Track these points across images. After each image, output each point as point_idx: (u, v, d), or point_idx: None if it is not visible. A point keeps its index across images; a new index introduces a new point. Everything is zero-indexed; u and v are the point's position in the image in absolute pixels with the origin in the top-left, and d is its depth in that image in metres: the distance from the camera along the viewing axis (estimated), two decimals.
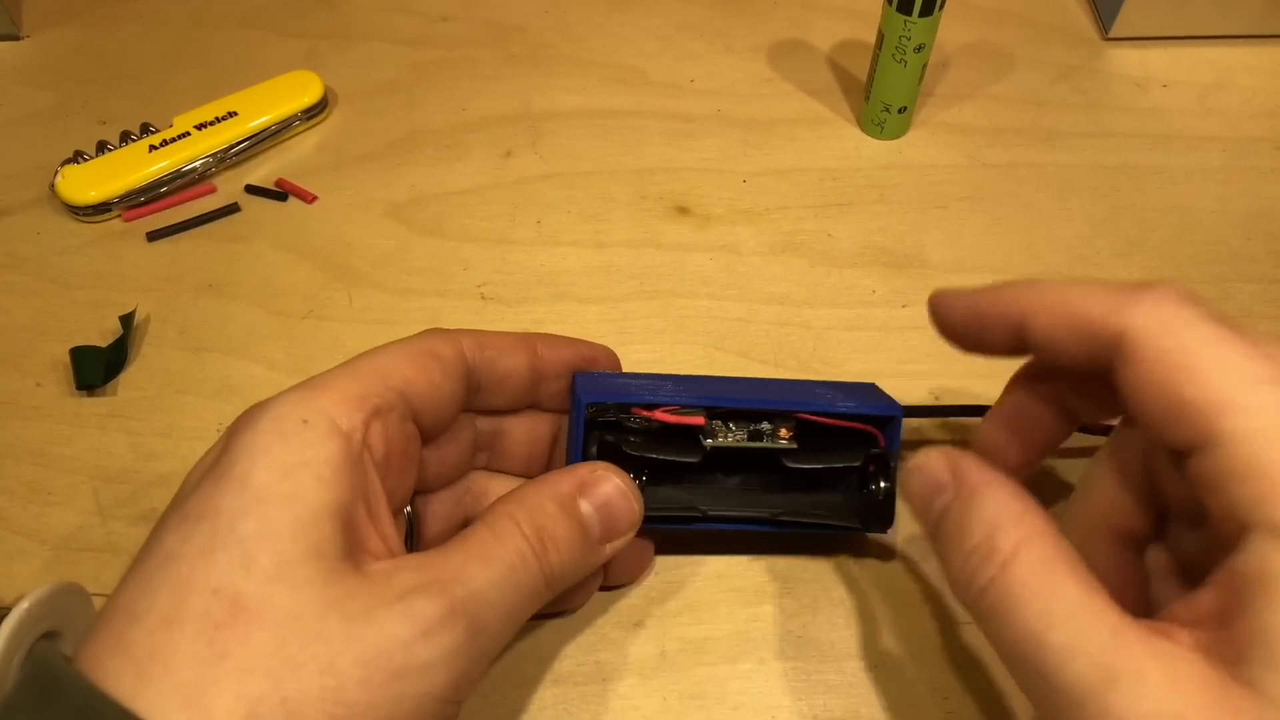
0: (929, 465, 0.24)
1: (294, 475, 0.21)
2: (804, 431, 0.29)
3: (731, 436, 0.29)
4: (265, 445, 0.22)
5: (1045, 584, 0.20)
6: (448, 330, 0.27)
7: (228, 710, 0.19)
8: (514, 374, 0.28)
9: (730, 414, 0.29)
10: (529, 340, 0.28)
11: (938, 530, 0.23)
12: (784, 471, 0.29)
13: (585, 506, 0.25)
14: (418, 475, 0.26)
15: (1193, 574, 0.23)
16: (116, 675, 0.19)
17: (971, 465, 0.23)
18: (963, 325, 0.26)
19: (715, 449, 0.28)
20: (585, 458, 0.28)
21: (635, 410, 0.28)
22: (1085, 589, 0.20)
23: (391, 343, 0.26)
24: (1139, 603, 0.24)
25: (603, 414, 0.28)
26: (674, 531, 0.30)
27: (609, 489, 0.26)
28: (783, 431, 0.29)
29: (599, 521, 0.26)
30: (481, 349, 0.27)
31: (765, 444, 0.29)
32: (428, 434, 0.26)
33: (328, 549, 0.21)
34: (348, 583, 0.21)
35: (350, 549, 0.21)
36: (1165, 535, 0.25)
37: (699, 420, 0.28)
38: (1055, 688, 0.19)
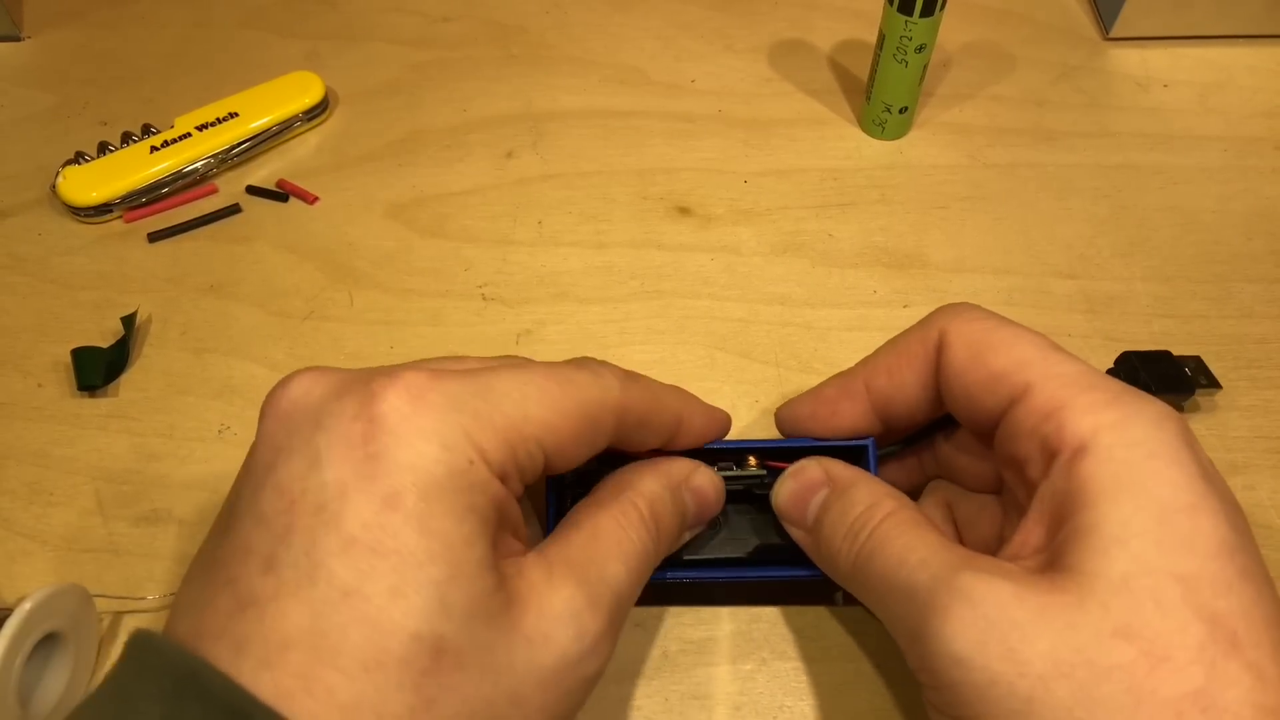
0: (804, 471, 0.27)
1: (468, 521, 0.20)
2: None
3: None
4: (439, 484, 0.20)
5: (911, 529, 0.24)
6: (625, 384, 0.25)
7: None
8: (649, 444, 0.27)
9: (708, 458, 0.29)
10: (677, 408, 0.27)
11: (820, 520, 0.26)
12: (764, 510, 0.29)
13: (687, 495, 0.27)
14: None
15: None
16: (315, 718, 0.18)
17: (841, 467, 0.27)
18: (816, 414, 0.29)
19: None
20: (558, 514, 0.27)
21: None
22: (939, 536, 0.24)
23: (568, 384, 0.23)
24: None
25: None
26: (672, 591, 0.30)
27: (704, 480, 0.27)
28: (751, 460, 0.29)
29: (694, 511, 0.27)
30: (639, 426, 0.25)
31: (735, 472, 0.29)
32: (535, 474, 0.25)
33: (498, 583, 0.21)
34: (519, 607, 0.21)
35: (508, 567, 0.22)
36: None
37: None
38: (913, 589, 0.22)
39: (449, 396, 0.21)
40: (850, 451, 0.28)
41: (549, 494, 0.28)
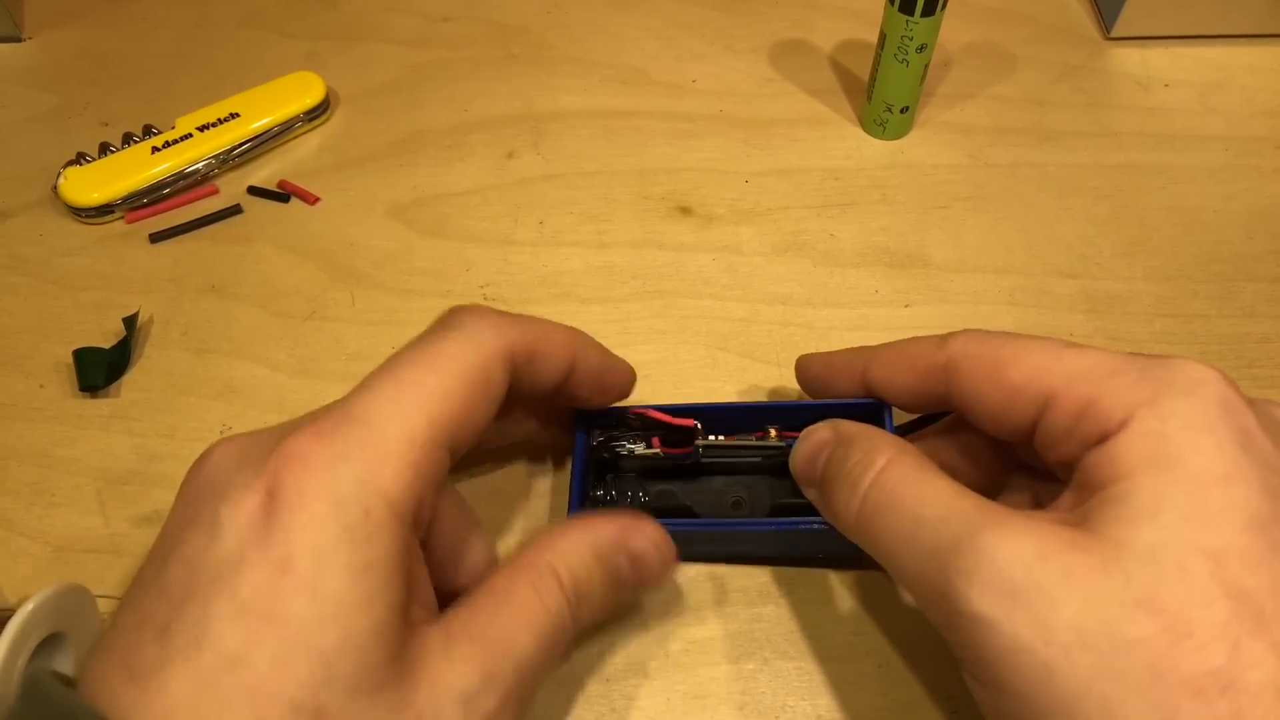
0: (813, 432, 0.27)
1: (364, 579, 0.20)
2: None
3: (723, 439, 0.30)
4: (332, 544, 0.20)
5: (919, 478, 0.23)
6: (500, 327, 0.24)
7: None
8: (552, 381, 0.27)
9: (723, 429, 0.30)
10: (564, 339, 0.27)
11: (824, 473, 0.26)
12: (782, 476, 0.30)
13: (622, 559, 0.26)
14: None
15: None
16: None
17: (849, 424, 0.27)
18: (821, 376, 0.30)
19: (708, 450, 0.30)
20: (585, 471, 0.29)
21: (632, 410, 0.29)
22: (952, 481, 0.23)
23: (439, 357, 0.23)
24: None
25: (600, 422, 0.30)
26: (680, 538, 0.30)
27: (644, 542, 0.26)
28: (773, 431, 0.30)
29: (632, 574, 0.26)
30: (530, 363, 0.25)
31: (754, 442, 0.30)
32: (454, 456, 0.24)
33: (397, 648, 0.21)
34: (411, 681, 0.21)
35: (406, 635, 0.21)
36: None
37: (691, 423, 0.29)
38: (934, 549, 0.22)
39: (335, 450, 0.21)
40: (867, 414, 0.29)
41: (580, 451, 0.29)
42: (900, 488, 0.23)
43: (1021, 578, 0.20)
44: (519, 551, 0.25)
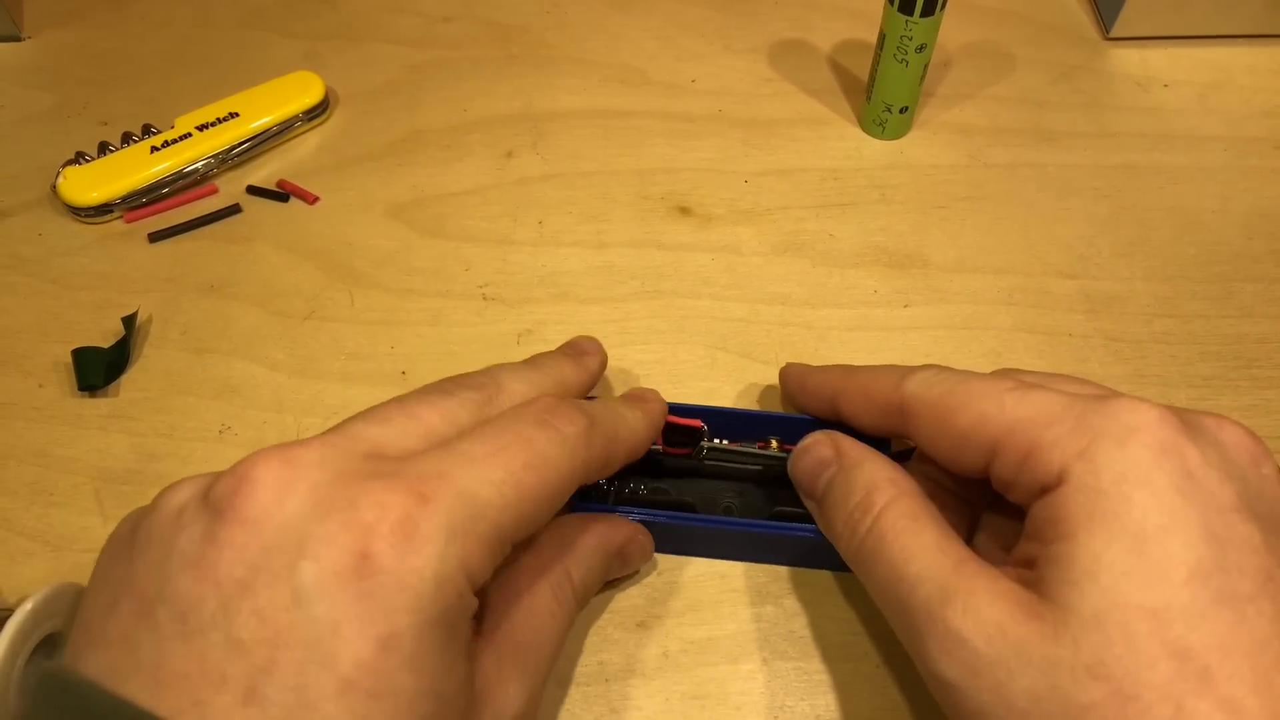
0: (816, 445, 0.28)
1: (451, 647, 0.21)
2: None
3: (727, 444, 0.31)
4: (433, 622, 0.20)
5: (908, 528, 0.24)
6: (582, 446, 0.24)
7: None
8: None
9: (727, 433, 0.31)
10: (631, 443, 0.27)
11: (825, 497, 0.27)
12: (781, 485, 0.30)
13: (615, 559, 0.29)
14: None
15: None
16: None
17: (850, 443, 0.28)
18: (796, 397, 0.31)
19: (711, 453, 0.30)
20: None
21: None
22: (939, 533, 0.24)
23: (542, 460, 0.23)
24: None
25: None
26: (670, 535, 0.30)
27: (637, 549, 0.29)
28: (774, 442, 0.30)
29: (619, 570, 0.29)
30: (596, 473, 0.26)
31: (756, 450, 0.30)
32: None
33: (470, 696, 0.22)
34: (477, 709, 0.23)
35: (473, 670, 0.23)
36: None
37: (698, 424, 0.30)
38: (910, 609, 0.23)
39: (439, 522, 0.20)
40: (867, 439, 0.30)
41: None
42: (890, 537, 0.24)
43: (984, 650, 0.21)
44: (539, 548, 0.27)
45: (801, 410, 0.32)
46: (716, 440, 0.30)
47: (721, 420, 0.31)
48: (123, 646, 0.20)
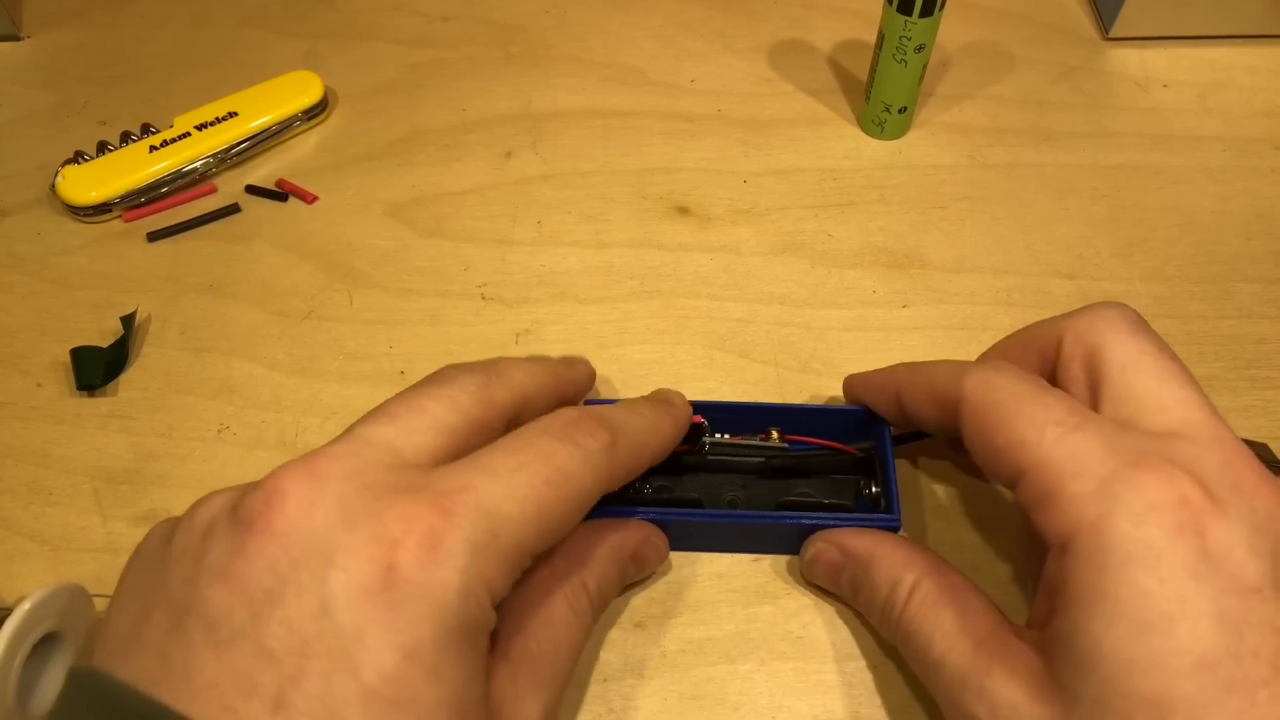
0: (821, 553, 0.29)
1: (470, 659, 0.21)
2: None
3: (729, 438, 0.31)
4: (453, 633, 0.20)
5: (929, 615, 0.25)
6: (604, 461, 0.25)
7: None
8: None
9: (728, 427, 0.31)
10: (651, 454, 0.27)
11: (856, 596, 0.29)
12: (783, 476, 0.31)
13: (630, 564, 0.29)
14: None
15: None
16: None
17: (850, 536, 0.28)
18: (862, 397, 0.31)
19: (714, 448, 0.31)
20: None
21: None
22: (957, 613, 0.25)
23: (565, 478, 0.23)
24: None
25: None
26: (680, 531, 0.30)
27: (652, 551, 0.29)
28: (774, 433, 0.31)
29: (634, 574, 0.30)
30: (617, 484, 0.26)
31: (758, 442, 0.31)
32: None
33: (487, 709, 0.23)
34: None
35: (489, 684, 0.23)
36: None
37: (699, 419, 0.30)
38: (937, 691, 0.25)
39: (464, 536, 0.21)
40: (865, 423, 0.31)
41: None
42: (914, 626, 0.26)
43: None
44: (553, 558, 0.27)
45: (868, 405, 0.31)
46: (718, 435, 0.31)
47: (722, 414, 0.31)
48: (154, 654, 0.20)
